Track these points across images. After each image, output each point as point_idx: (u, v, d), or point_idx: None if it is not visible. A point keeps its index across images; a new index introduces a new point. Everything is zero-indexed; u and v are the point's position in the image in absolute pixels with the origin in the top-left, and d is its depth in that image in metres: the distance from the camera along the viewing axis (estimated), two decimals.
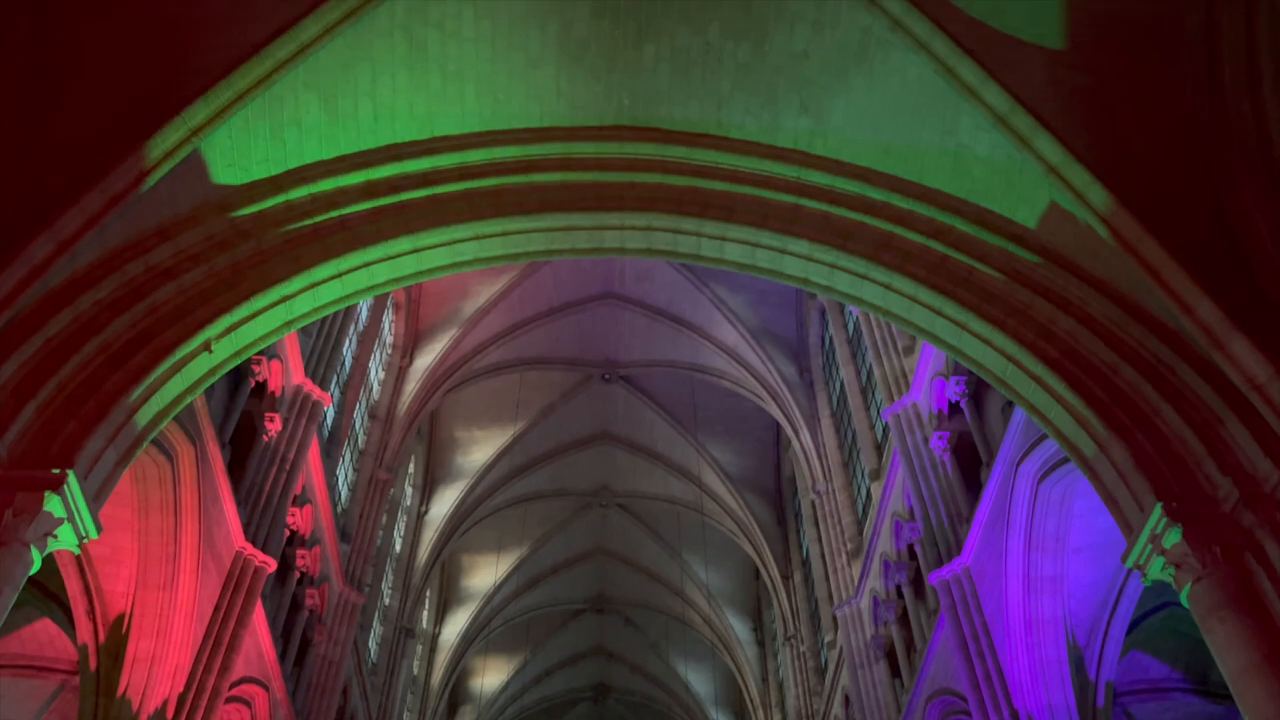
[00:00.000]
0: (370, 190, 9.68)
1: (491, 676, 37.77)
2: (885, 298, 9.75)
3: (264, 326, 9.06)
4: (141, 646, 12.43)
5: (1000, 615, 13.38)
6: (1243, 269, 7.76)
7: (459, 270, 10.19)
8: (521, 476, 31.56)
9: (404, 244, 9.68)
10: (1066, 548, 13.08)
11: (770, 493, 31.09)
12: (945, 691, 15.70)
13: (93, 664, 12.32)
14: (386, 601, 27.04)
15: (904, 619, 18.64)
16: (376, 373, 24.74)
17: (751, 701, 33.04)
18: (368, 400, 24.00)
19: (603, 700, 41.27)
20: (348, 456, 22.23)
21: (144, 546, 12.64)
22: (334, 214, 9.48)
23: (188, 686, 12.61)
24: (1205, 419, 7.62)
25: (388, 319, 25.30)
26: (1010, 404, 13.46)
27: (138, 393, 7.85)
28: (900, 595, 18.60)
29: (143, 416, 7.97)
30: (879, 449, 20.60)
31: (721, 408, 30.54)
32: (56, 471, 6.98)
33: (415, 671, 31.97)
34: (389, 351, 25.68)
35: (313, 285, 9.31)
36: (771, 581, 29.27)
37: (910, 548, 17.90)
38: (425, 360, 26.00)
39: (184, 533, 12.76)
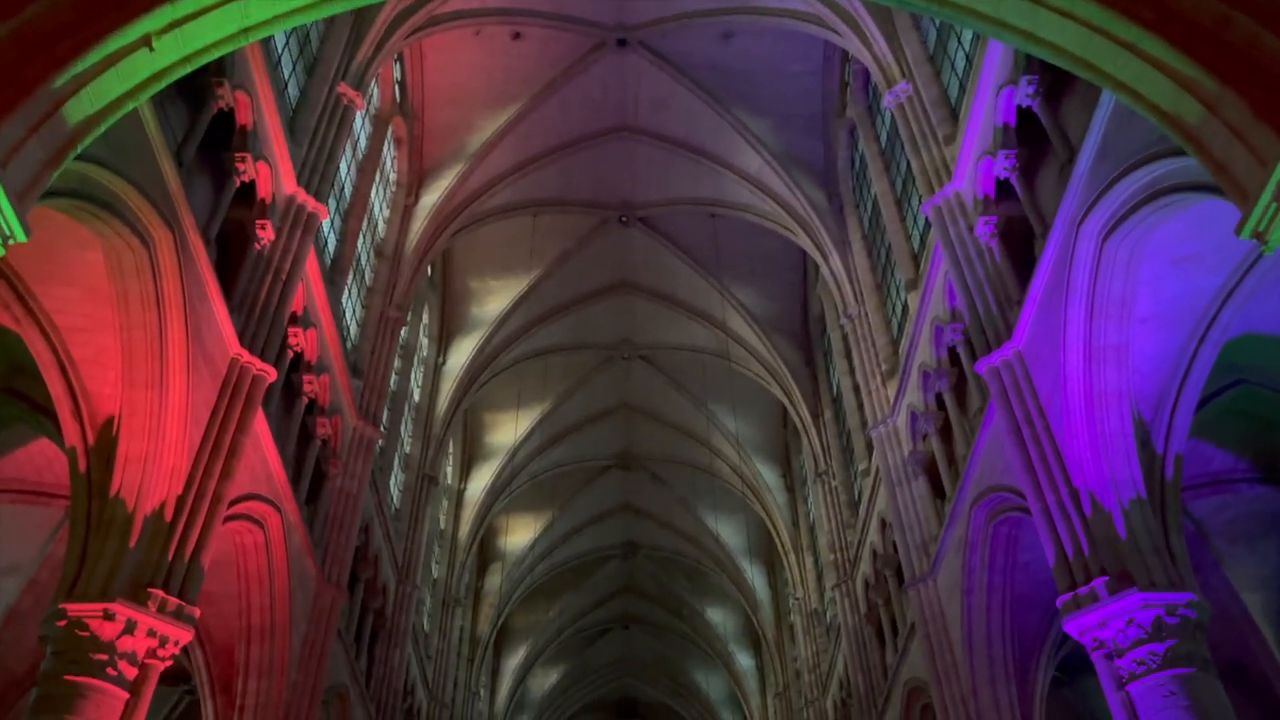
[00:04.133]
0: None
1: (519, 534, 37.71)
2: None
3: (215, 30, 7.74)
4: (133, 447, 11.61)
5: (1057, 394, 12.28)
6: None
7: None
8: (540, 327, 30.57)
9: None
10: (1133, 316, 11.85)
11: (798, 334, 29.99)
12: (994, 489, 14.79)
13: (82, 465, 11.54)
14: (407, 449, 26.50)
15: (945, 431, 17.68)
16: (381, 210, 23.53)
17: (782, 546, 32.71)
18: (373, 237, 22.86)
19: (632, 557, 41.27)
20: (355, 292, 21.24)
21: (127, 342, 11.68)
22: None
23: (186, 489, 11.84)
24: None
25: (389, 153, 23.93)
26: (1070, 162, 12.08)
27: (63, 80, 6.64)
28: (941, 405, 17.60)
29: (73, 112, 6.78)
30: (915, 259, 19.31)
31: (745, 249, 29.17)
32: None
33: (442, 525, 31.77)
34: (393, 189, 24.41)
35: None
36: (801, 421, 28.45)
37: (952, 351, 16.78)
38: (432, 198, 24.74)
39: (170, 328, 11.80)
